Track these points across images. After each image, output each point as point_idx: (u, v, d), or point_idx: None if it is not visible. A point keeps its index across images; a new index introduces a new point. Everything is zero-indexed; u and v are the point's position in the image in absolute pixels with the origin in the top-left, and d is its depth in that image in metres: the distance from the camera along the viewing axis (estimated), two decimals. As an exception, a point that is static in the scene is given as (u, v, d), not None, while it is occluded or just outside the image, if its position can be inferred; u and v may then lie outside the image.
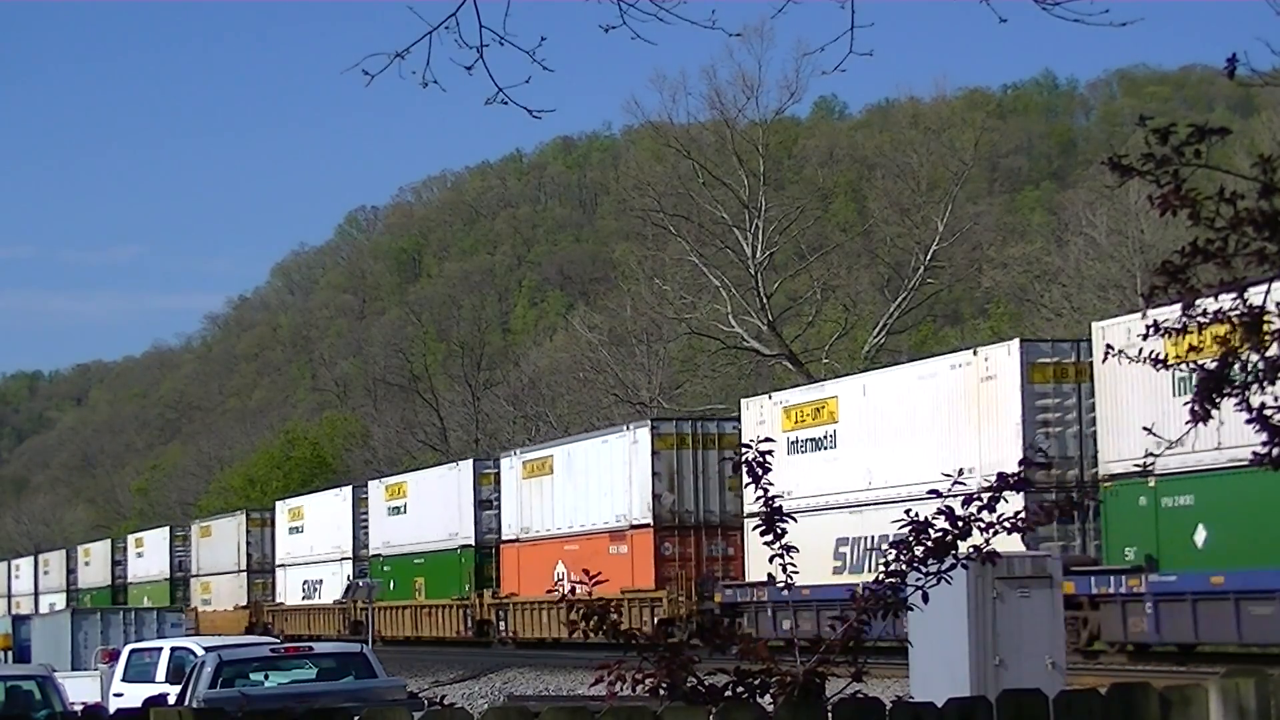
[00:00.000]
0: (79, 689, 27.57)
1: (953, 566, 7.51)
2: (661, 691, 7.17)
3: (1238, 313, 7.38)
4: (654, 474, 42.53)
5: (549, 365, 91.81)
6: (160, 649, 26.68)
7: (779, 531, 7.82)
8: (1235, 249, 7.30)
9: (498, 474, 51.42)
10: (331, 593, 62.68)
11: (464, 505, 52.88)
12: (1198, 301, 7.41)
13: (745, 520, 38.40)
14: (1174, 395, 26.73)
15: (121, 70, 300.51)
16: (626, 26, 9.08)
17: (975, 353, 33.21)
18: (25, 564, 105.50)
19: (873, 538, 34.03)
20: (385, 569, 57.23)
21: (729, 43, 68.24)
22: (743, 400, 42.09)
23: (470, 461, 54.78)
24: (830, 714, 6.75)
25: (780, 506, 7.86)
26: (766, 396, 40.27)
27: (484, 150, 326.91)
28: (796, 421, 37.40)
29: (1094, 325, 31.10)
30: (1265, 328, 7.36)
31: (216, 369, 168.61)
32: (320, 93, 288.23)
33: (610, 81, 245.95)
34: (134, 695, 23.18)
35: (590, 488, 45.30)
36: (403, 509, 57.64)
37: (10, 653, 43.04)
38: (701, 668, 7.27)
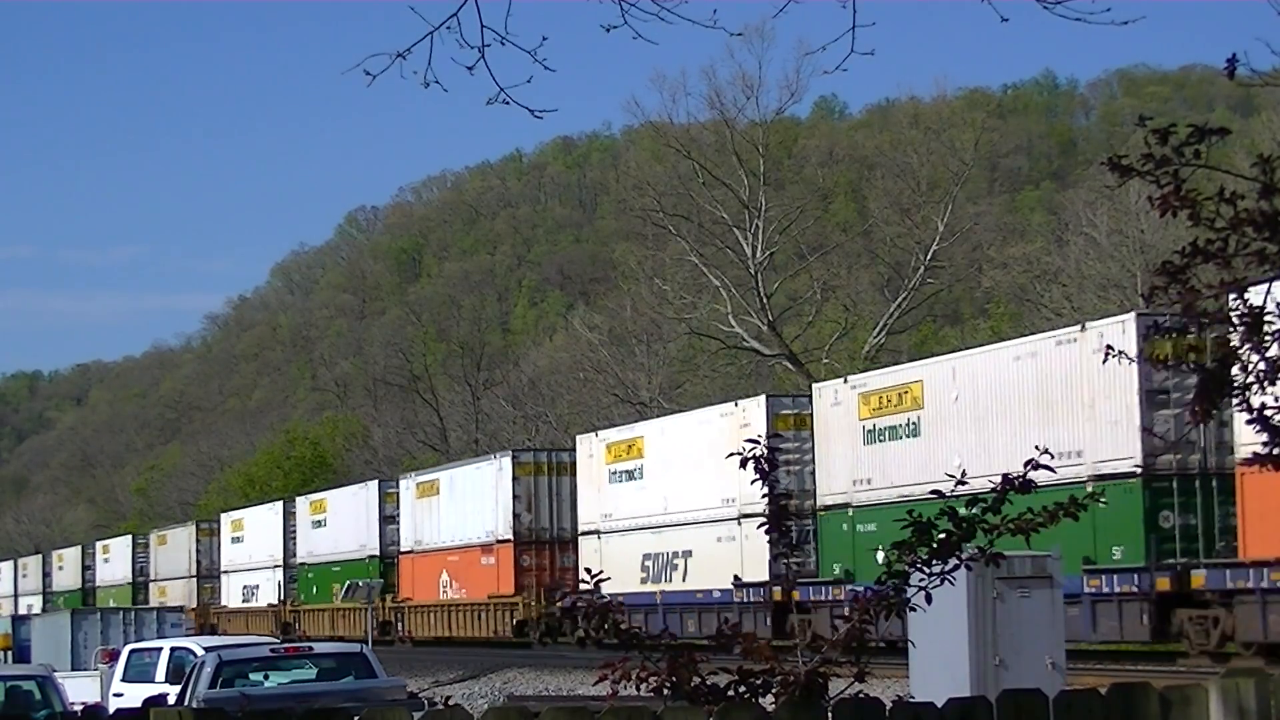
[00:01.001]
0: (79, 689, 27.58)
1: (956, 567, 7.51)
2: (665, 691, 7.18)
3: (1238, 313, 7.38)
4: (515, 496, 49.47)
5: (549, 365, 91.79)
6: (160, 649, 26.64)
7: (784, 529, 7.81)
8: (1235, 249, 7.30)
9: (398, 493, 58.13)
10: (266, 596, 69.47)
11: (371, 520, 59.88)
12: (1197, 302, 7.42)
13: (579, 536, 46.40)
14: (864, 444, 35.12)
15: (122, 70, 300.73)
16: (628, 26, 9.09)
17: (736, 404, 40.94)
18: (6, 567, 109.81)
19: (667, 554, 41.79)
20: (309, 576, 64.43)
21: (729, 42, 68.28)
22: (577, 436, 49.72)
23: (376, 482, 61.92)
24: (830, 714, 6.76)
25: (787, 505, 7.85)
26: (595, 434, 47.47)
27: (484, 150, 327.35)
28: (615, 456, 44.52)
29: (814, 386, 39.44)
30: (1265, 328, 7.37)
31: (216, 369, 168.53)
32: (320, 93, 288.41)
33: (610, 81, 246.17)
34: (134, 695, 23.17)
35: (466, 507, 52.14)
36: (324, 522, 64.41)
37: (10, 653, 43.04)
38: (705, 668, 7.28)
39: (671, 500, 41.39)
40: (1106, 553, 29.01)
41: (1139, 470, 28.74)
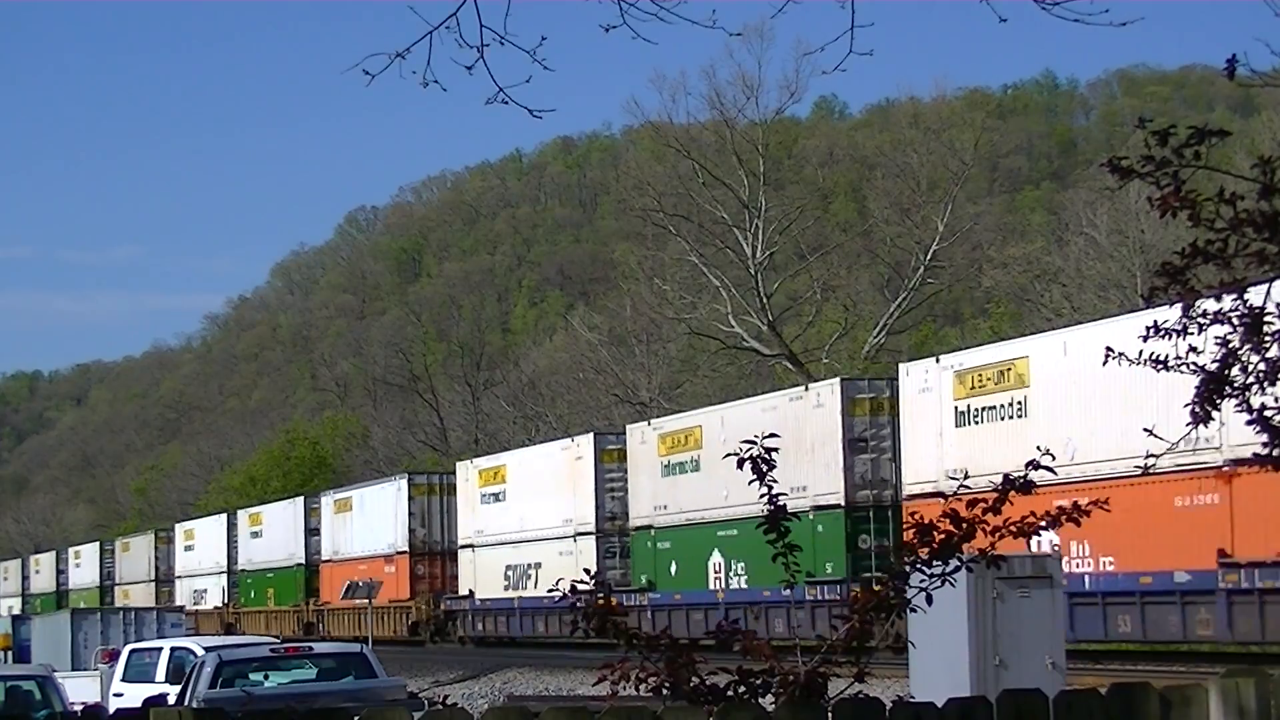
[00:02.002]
0: (79, 689, 27.57)
1: (958, 569, 7.49)
2: (665, 691, 7.18)
3: (1238, 313, 7.38)
4: (410, 514, 57.11)
5: (549, 365, 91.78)
6: (160, 649, 26.65)
7: (782, 530, 7.80)
8: (1235, 250, 7.30)
9: (320, 509, 65.26)
10: (213, 599, 76.34)
11: (298, 532, 66.71)
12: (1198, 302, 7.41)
13: (458, 549, 54.04)
14: (662, 476, 42.96)
15: (121, 70, 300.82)
16: (627, 26, 9.09)
17: (573, 440, 48.71)
18: None
19: (524, 565, 49.32)
20: (248, 581, 71.93)
21: (729, 42, 68.26)
22: (457, 463, 57.46)
23: (302, 499, 68.92)
24: (830, 714, 6.76)
25: (784, 506, 7.84)
26: (470, 461, 55.72)
27: (484, 150, 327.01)
28: (485, 481, 52.51)
29: (627, 427, 46.62)
30: (1265, 328, 7.36)
31: (216, 369, 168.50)
32: (320, 93, 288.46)
33: (610, 81, 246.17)
34: (134, 695, 23.17)
35: (372, 523, 59.66)
36: (260, 533, 71.24)
37: (10, 653, 43.01)
38: (705, 668, 7.28)
39: (526, 520, 49.40)
40: (822, 567, 36.40)
41: (842, 503, 36.39)
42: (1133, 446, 25.42)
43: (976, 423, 32.48)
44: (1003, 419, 31.86)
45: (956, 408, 32.98)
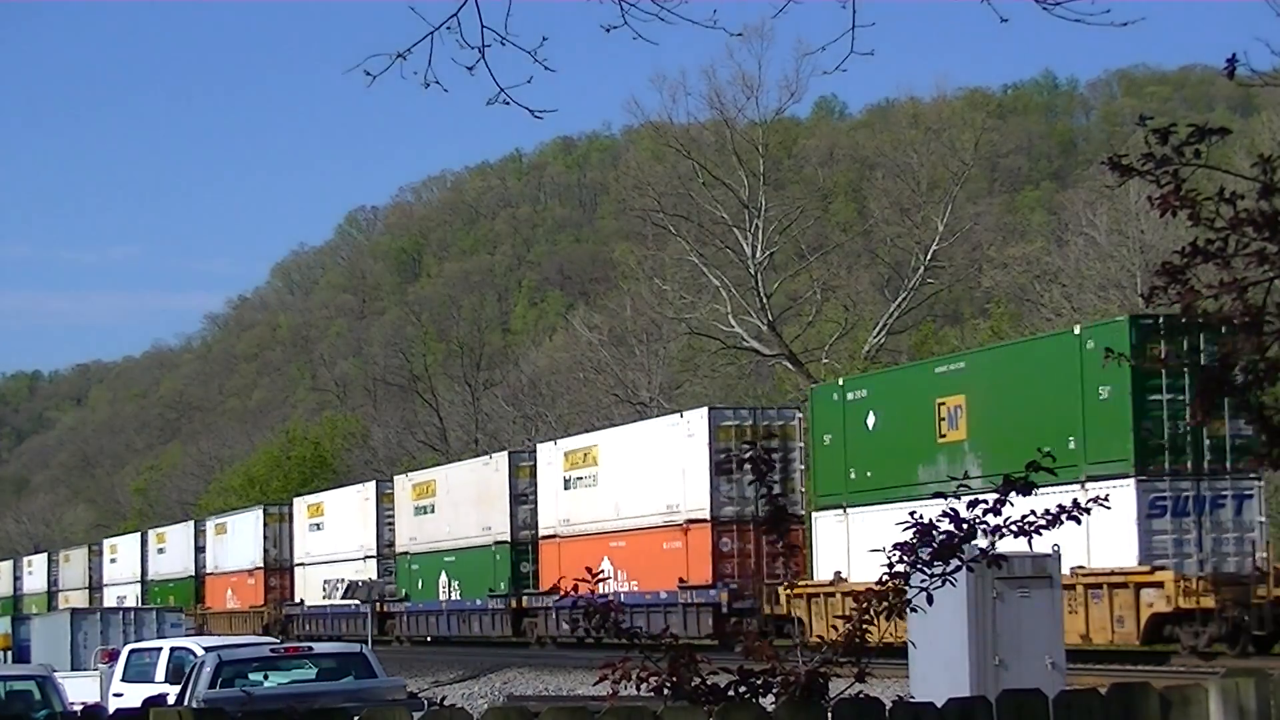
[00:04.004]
0: (79, 689, 27.58)
1: (958, 568, 7.49)
2: (666, 691, 7.18)
3: (1238, 313, 7.37)
4: (265, 537, 71.35)
5: (549, 365, 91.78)
6: (160, 649, 26.66)
7: (782, 530, 7.81)
8: (1235, 249, 7.29)
9: (206, 530, 79.96)
10: (131, 604, 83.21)
11: (189, 550, 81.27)
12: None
13: (295, 566, 69.22)
14: (413, 515, 58.57)
15: (120, 69, 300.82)
16: (628, 26, 9.10)
17: (363, 485, 65.60)
18: None
19: (335, 579, 62.02)
20: (156, 590, 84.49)
21: (729, 42, 68.14)
22: (295, 498, 73.35)
23: (192, 522, 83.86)
24: (830, 714, 6.76)
25: (785, 507, 7.85)
26: (304, 497, 71.69)
27: (484, 150, 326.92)
28: (312, 513, 67.76)
29: (396, 477, 63.31)
30: (1265, 328, 7.35)
31: (216, 369, 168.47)
32: (320, 93, 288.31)
33: (610, 81, 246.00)
34: (134, 695, 23.18)
35: (240, 543, 74.45)
36: (165, 550, 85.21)
37: (10, 653, 43.00)
38: (705, 667, 7.28)
39: (335, 544, 64.42)
40: (499, 585, 52.01)
41: (509, 540, 51.41)
42: (648, 506, 43.11)
43: (574, 488, 47.41)
44: (587, 486, 46.74)
45: (564, 477, 47.99)
